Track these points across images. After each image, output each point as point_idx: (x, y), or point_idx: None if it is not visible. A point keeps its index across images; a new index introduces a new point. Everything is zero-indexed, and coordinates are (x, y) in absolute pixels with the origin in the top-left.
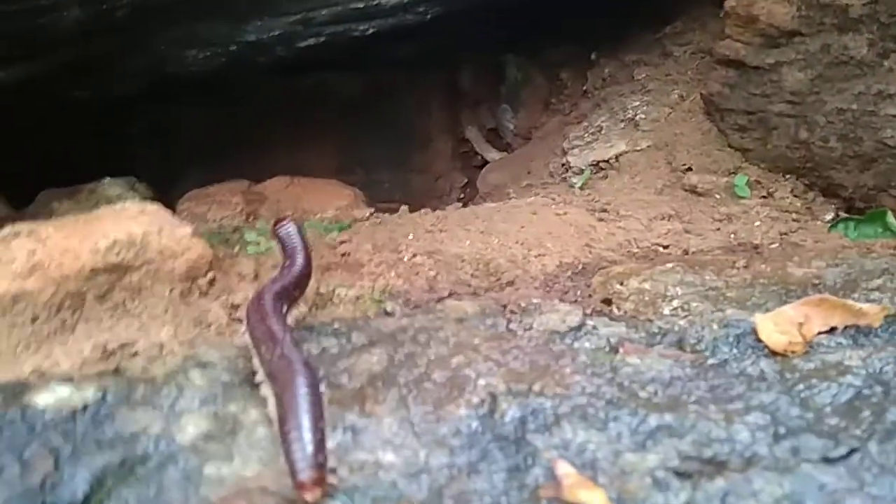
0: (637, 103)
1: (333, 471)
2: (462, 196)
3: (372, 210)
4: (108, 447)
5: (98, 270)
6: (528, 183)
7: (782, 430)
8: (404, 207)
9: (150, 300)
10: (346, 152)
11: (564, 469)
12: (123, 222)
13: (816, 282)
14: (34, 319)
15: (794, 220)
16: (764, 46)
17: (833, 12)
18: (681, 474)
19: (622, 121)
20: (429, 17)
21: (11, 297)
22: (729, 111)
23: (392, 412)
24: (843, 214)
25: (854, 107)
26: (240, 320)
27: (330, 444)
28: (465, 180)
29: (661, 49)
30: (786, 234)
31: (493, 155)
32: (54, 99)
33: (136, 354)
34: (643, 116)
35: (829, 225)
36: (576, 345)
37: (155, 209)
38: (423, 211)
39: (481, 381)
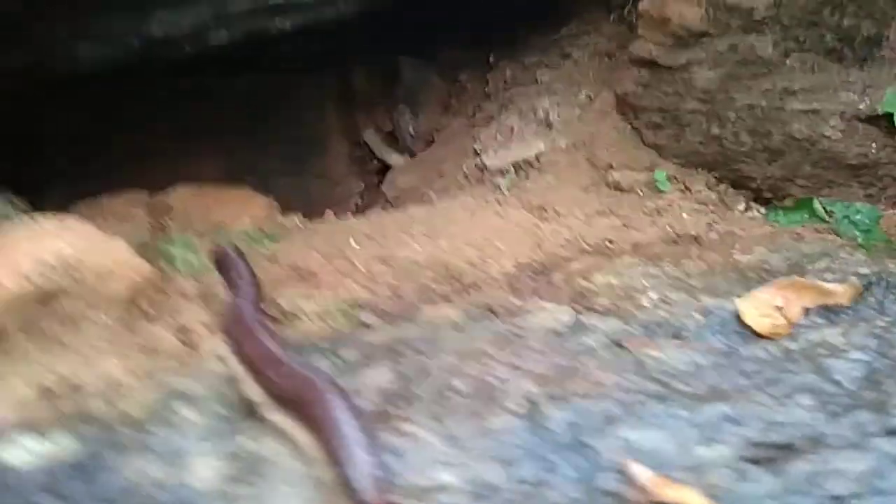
0: (546, 104)
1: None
2: (360, 202)
3: (300, 215)
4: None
5: (24, 298)
6: (443, 185)
7: (833, 408)
8: (329, 212)
9: (88, 329)
10: (235, 158)
11: (640, 471)
12: (46, 241)
13: (766, 267)
14: None
15: (712, 210)
16: (675, 47)
17: (739, 14)
18: (758, 462)
19: (534, 121)
20: (347, 14)
21: None
22: (643, 109)
23: (428, 428)
24: (752, 204)
25: (762, 103)
26: (191, 345)
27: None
28: (363, 185)
29: (560, 51)
30: (712, 224)
31: (395, 158)
32: None
33: (81, 391)
34: (556, 117)
35: (765, 215)
36: (583, 342)
37: (78, 223)
38: (351, 216)
39: (511, 387)
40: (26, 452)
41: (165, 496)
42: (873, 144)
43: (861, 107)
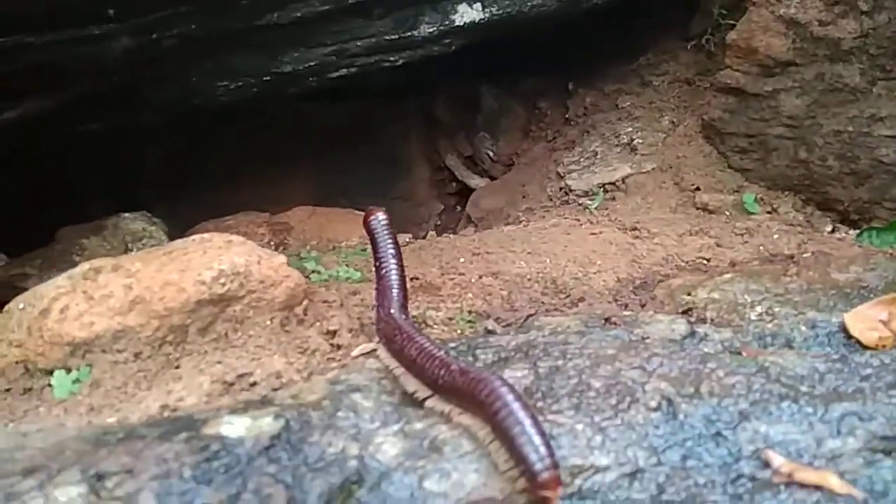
0: (629, 129)
1: None
2: (439, 223)
3: (410, 235)
4: (321, 471)
5: (203, 302)
6: (528, 206)
7: None
8: (432, 233)
9: (252, 330)
10: (327, 181)
11: (778, 458)
12: (216, 253)
13: (862, 284)
14: (137, 356)
15: (800, 232)
16: (762, 75)
17: (826, 44)
18: (887, 452)
19: (617, 146)
20: (453, 49)
21: (112, 335)
22: (729, 135)
23: (576, 419)
24: (838, 226)
25: (850, 129)
26: (341, 346)
27: None
28: (442, 206)
29: (640, 79)
30: (802, 244)
31: (476, 181)
32: (57, 132)
33: (254, 384)
34: (640, 141)
35: (856, 235)
36: (701, 349)
37: (240, 240)
38: (449, 235)
39: (647, 387)
40: (240, 428)
41: (360, 467)
42: None
43: None
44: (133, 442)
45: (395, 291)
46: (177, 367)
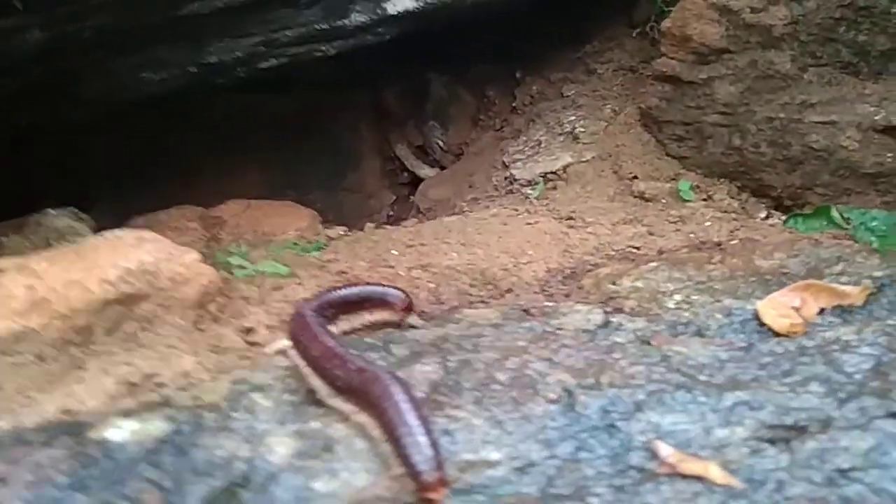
0: (572, 118)
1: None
2: (391, 213)
3: (344, 227)
4: (205, 475)
5: (109, 302)
6: (474, 196)
7: (842, 395)
8: (369, 225)
9: (162, 329)
10: (275, 174)
11: (665, 449)
12: (126, 251)
13: (784, 271)
14: (39, 358)
15: (734, 219)
16: (697, 63)
17: (758, 31)
18: (772, 441)
19: (560, 134)
20: (387, 38)
21: (13, 336)
22: (667, 122)
23: (475, 413)
24: (772, 212)
25: (781, 115)
26: (257, 343)
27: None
28: (394, 197)
29: (585, 67)
30: (733, 231)
31: (425, 171)
32: None
33: (162, 385)
34: (582, 130)
35: (784, 221)
36: (612, 339)
37: (152, 236)
38: (386, 227)
39: (549, 379)
40: (125, 432)
41: (248, 469)
42: (889, 154)
43: (877, 118)
44: (15, 449)
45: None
46: (82, 369)
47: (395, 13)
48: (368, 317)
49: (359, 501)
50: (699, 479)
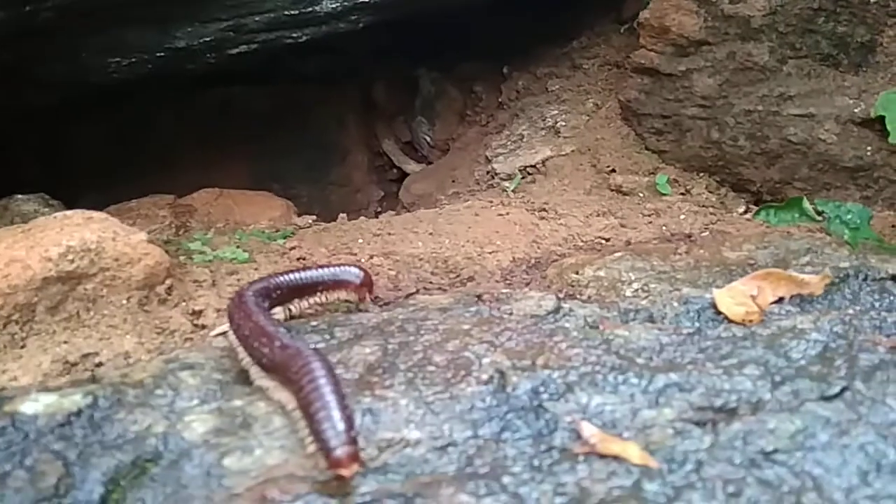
0: (555, 112)
1: (362, 450)
2: (379, 209)
3: (314, 217)
4: (114, 449)
5: (50, 280)
6: (455, 191)
7: (777, 378)
8: (342, 216)
9: (107, 309)
10: (260, 167)
11: (589, 429)
12: (72, 230)
13: (751, 262)
14: None
15: (711, 213)
16: (675, 55)
17: (736, 23)
18: (698, 423)
19: (542, 129)
20: (360, 25)
21: None
22: (645, 116)
23: (404, 394)
24: (752, 207)
25: (759, 108)
26: (205, 326)
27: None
28: (382, 193)
29: (571, 62)
30: (708, 224)
31: (412, 167)
32: None
33: (100, 365)
34: (563, 124)
35: (754, 213)
36: (561, 325)
37: (102, 216)
38: (360, 218)
39: (485, 360)
40: (39, 405)
41: (160, 444)
42: (868, 148)
43: (856, 111)
44: None
45: (259, 280)
46: (22, 347)
47: (368, 0)
48: (322, 297)
49: (270, 479)
50: (617, 458)
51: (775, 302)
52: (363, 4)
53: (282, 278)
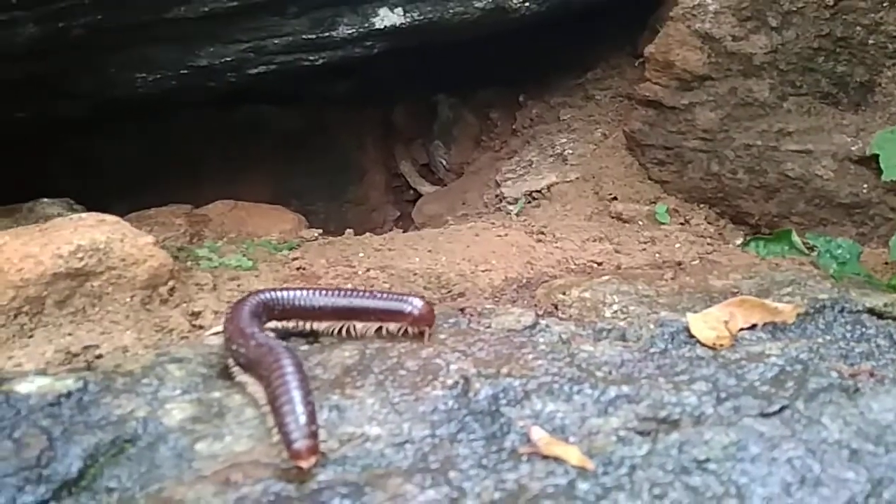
0: (564, 140)
1: (324, 442)
2: (393, 228)
3: (320, 231)
4: (97, 428)
5: (60, 276)
6: (464, 213)
7: (723, 395)
8: (349, 231)
9: (111, 306)
10: (282, 183)
11: (538, 433)
12: (84, 230)
13: (735, 290)
14: None
15: (708, 243)
16: (679, 89)
17: (739, 59)
18: (640, 432)
19: (551, 156)
20: (375, 51)
21: None
22: (649, 147)
23: (372, 394)
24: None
25: (759, 143)
26: (202, 326)
27: (318, 420)
28: (398, 213)
29: (584, 92)
30: (703, 254)
31: (426, 188)
32: None
33: (100, 357)
34: (570, 152)
35: (743, 244)
36: (533, 339)
37: (114, 219)
38: (367, 234)
39: (452, 367)
40: (34, 386)
41: (140, 427)
42: (864, 185)
43: (853, 149)
44: None
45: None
46: (30, 337)
47: (383, 27)
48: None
49: (236, 464)
50: (557, 460)
51: (749, 328)
52: (377, 32)
53: (286, 294)
